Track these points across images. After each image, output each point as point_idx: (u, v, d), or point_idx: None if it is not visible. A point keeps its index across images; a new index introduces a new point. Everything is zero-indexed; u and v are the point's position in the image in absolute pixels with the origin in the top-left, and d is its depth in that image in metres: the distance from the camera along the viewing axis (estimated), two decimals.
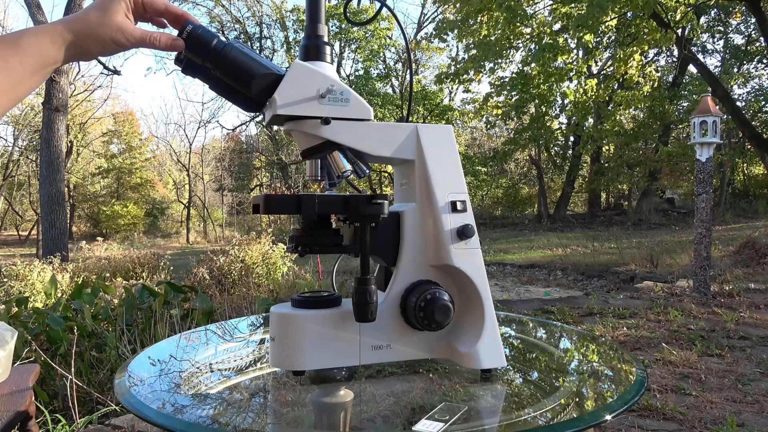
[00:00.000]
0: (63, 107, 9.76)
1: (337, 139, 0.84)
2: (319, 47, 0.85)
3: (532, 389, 0.93)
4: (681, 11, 9.31)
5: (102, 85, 21.56)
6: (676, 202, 18.82)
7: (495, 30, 11.19)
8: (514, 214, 20.86)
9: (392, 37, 19.01)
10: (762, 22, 8.98)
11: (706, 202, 5.21)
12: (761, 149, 9.98)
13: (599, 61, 14.94)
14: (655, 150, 16.71)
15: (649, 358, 3.51)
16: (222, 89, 0.83)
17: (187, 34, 0.76)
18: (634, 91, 12.57)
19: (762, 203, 15.37)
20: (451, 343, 0.90)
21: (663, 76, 16.13)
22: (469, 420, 0.78)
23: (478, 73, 12.38)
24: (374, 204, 0.81)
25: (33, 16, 9.83)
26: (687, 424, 2.55)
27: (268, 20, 21.98)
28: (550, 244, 11.33)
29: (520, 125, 16.71)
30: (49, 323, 3.02)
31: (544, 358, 1.11)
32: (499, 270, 9.15)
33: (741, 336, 3.97)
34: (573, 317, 4.65)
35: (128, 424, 2.21)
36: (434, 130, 0.91)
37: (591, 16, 8.67)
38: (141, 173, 25.70)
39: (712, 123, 5.09)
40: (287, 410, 0.84)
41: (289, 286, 5.87)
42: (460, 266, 0.87)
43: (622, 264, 8.26)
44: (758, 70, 18.25)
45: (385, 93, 19.64)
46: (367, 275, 0.82)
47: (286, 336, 0.85)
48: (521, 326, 1.37)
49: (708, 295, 5.25)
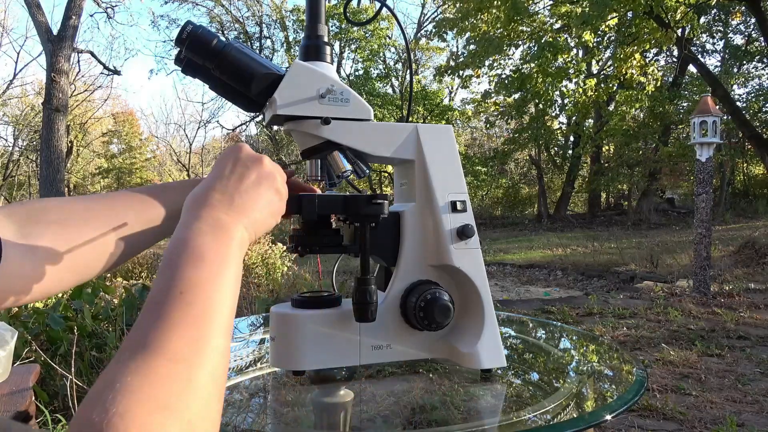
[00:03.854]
0: (63, 107, 9.76)
1: (337, 139, 0.84)
2: (319, 47, 0.85)
3: (532, 389, 0.93)
4: (681, 11, 9.30)
5: (102, 85, 21.52)
6: (676, 202, 18.82)
7: (495, 28, 11.19)
8: (514, 214, 20.85)
9: (392, 36, 19.01)
10: (762, 22, 8.98)
11: (706, 202, 5.22)
12: (761, 149, 9.98)
13: (600, 61, 14.94)
14: (655, 150, 16.71)
15: (649, 358, 3.51)
16: (222, 89, 0.82)
17: (187, 34, 0.76)
18: (637, 92, 12.56)
19: (762, 203, 15.36)
20: (451, 343, 0.90)
21: (663, 75, 16.12)
22: (469, 420, 0.78)
23: (477, 69, 12.38)
24: (374, 204, 0.81)
25: (33, 16, 9.84)
26: (687, 424, 2.55)
27: (268, 20, 22.00)
28: (550, 244, 11.33)
29: (520, 125, 16.71)
30: (49, 323, 3.02)
31: (544, 358, 1.11)
32: (499, 270, 9.15)
33: (741, 336, 3.97)
34: (573, 317, 4.65)
35: None
36: (434, 130, 0.91)
37: (594, 14, 8.67)
38: (141, 173, 25.70)
39: (712, 123, 5.10)
40: (287, 410, 0.84)
41: (289, 286, 5.87)
42: (460, 266, 0.87)
43: (622, 264, 8.26)
44: (758, 70, 18.25)
45: (385, 93, 19.63)
46: (367, 275, 0.82)
47: (286, 336, 0.85)
48: (521, 326, 1.37)
49: (708, 295, 5.25)
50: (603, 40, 12.05)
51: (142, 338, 0.38)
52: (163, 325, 0.39)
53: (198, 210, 0.50)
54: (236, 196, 0.53)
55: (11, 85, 19.60)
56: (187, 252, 0.45)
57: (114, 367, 0.36)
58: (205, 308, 0.42)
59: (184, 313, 0.41)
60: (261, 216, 0.56)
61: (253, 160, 0.58)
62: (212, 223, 0.49)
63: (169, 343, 0.38)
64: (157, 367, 0.36)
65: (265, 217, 0.57)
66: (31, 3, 9.72)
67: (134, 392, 0.34)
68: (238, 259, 0.49)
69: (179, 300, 0.41)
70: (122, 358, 0.36)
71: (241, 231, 0.51)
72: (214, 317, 0.42)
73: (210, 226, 0.49)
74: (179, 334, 0.39)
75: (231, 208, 0.52)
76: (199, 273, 0.44)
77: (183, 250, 0.45)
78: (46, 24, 9.88)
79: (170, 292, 0.42)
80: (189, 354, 0.39)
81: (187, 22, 0.77)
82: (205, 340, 0.40)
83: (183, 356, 0.38)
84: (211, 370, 0.39)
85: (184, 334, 0.39)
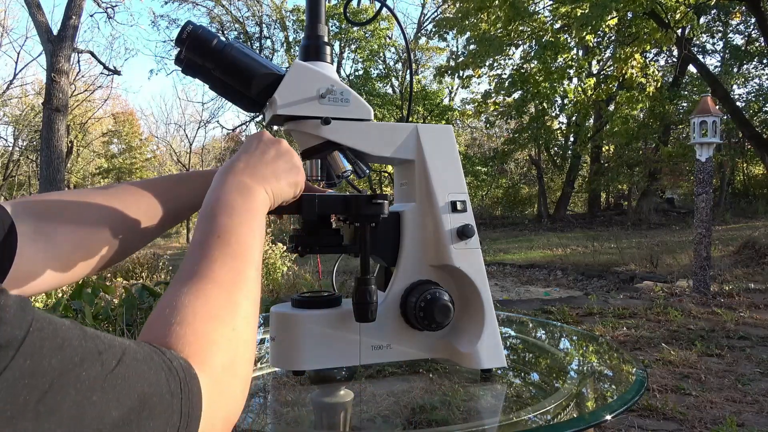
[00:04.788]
0: (63, 107, 9.76)
1: (337, 139, 0.84)
2: (319, 47, 0.85)
3: (532, 389, 0.93)
4: (681, 11, 9.30)
5: (102, 85, 21.48)
6: (676, 202, 18.82)
7: (495, 28, 11.19)
8: (514, 214, 20.85)
9: (392, 37, 19.01)
10: (762, 22, 8.98)
11: (705, 202, 5.22)
12: (761, 149, 9.98)
13: (600, 61, 14.94)
14: (655, 150, 16.71)
15: (649, 358, 3.51)
16: (222, 89, 0.82)
17: (188, 34, 0.76)
18: (637, 92, 12.56)
19: (762, 203, 15.37)
20: (451, 343, 0.90)
21: (663, 76, 16.13)
22: (469, 420, 0.78)
23: (478, 69, 12.38)
24: (374, 204, 0.81)
25: (33, 16, 9.83)
26: (687, 424, 2.55)
27: (268, 20, 21.99)
28: (550, 244, 11.33)
29: (520, 125, 16.71)
30: None
31: (544, 358, 1.11)
32: (499, 270, 9.14)
33: (741, 336, 3.97)
34: (573, 317, 4.65)
35: None
36: (434, 130, 0.91)
37: (595, 15, 8.67)
38: (141, 173, 25.70)
39: (712, 123, 5.10)
40: (287, 410, 0.84)
41: (289, 286, 5.87)
42: (460, 266, 0.87)
43: (622, 264, 8.26)
44: (758, 70, 18.27)
45: (385, 93, 19.63)
46: (367, 275, 0.82)
47: (286, 336, 0.85)
48: (521, 326, 1.37)
49: (708, 295, 5.25)
50: (603, 40, 12.05)
51: (190, 269, 0.47)
52: (206, 259, 0.48)
53: (226, 176, 0.59)
54: (259, 167, 0.63)
55: (11, 85, 19.60)
56: (220, 205, 0.54)
57: (170, 292, 0.44)
58: (239, 246, 0.51)
59: (222, 251, 0.49)
60: (280, 185, 0.64)
61: (273, 141, 0.68)
62: (239, 186, 0.58)
63: (212, 272, 0.47)
64: (205, 289, 0.45)
65: (284, 186, 0.65)
66: (31, 3, 9.72)
67: (188, 307, 0.42)
68: (262, 214, 0.58)
69: (217, 241, 0.50)
70: (176, 286, 0.45)
71: (263, 193, 0.60)
72: (247, 253, 0.51)
73: (237, 187, 0.57)
74: (219, 264, 0.48)
75: (254, 175, 0.61)
76: (232, 220, 0.53)
77: (216, 205, 0.54)
78: (46, 24, 9.88)
79: (209, 235, 0.51)
80: (229, 280, 0.47)
81: (187, 22, 0.77)
82: (241, 270, 0.49)
83: (224, 281, 0.47)
84: (247, 293, 0.48)
85: (223, 265, 0.48)
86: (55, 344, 0.29)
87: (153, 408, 0.33)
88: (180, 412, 0.35)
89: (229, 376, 0.42)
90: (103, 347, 0.32)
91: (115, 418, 0.31)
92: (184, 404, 0.35)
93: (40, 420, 0.28)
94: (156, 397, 0.34)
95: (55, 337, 0.30)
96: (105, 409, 0.30)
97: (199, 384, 0.38)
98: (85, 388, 0.30)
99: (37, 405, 0.28)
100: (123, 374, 0.32)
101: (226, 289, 0.46)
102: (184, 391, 0.36)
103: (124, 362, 0.33)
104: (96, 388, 0.30)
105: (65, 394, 0.29)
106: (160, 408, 0.34)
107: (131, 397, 0.32)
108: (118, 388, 0.32)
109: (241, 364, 0.44)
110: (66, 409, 0.29)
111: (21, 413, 0.27)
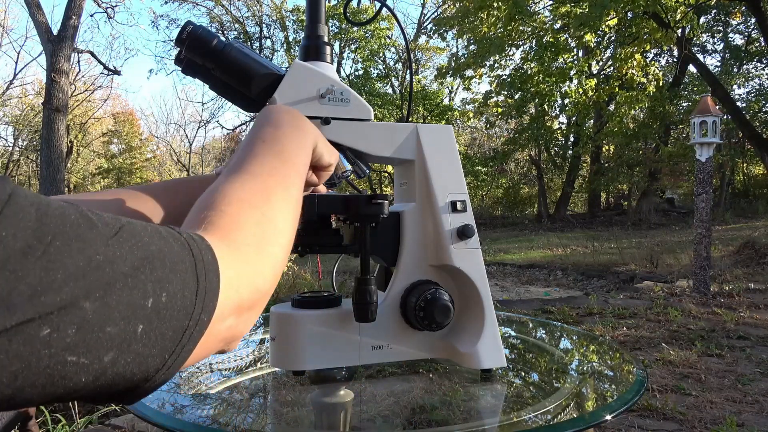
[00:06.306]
0: (63, 107, 9.76)
1: (337, 139, 0.84)
2: (319, 47, 0.85)
3: (532, 389, 0.93)
4: (681, 11, 9.30)
5: (102, 85, 21.45)
6: (676, 202, 18.81)
7: (495, 28, 11.19)
8: (514, 214, 20.85)
9: (392, 37, 19.00)
10: (762, 22, 8.99)
11: (705, 202, 5.22)
12: (761, 149, 9.99)
13: (600, 61, 14.93)
14: (655, 150, 16.71)
15: (649, 358, 3.51)
16: (222, 89, 0.82)
17: (187, 34, 0.76)
18: (638, 92, 12.55)
19: (762, 203, 15.37)
20: (451, 343, 0.90)
21: (663, 76, 16.13)
22: (469, 420, 0.78)
23: (479, 69, 12.37)
24: (374, 204, 0.81)
25: (33, 16, 9.83)
26: (687, 424, 2.55)
27: (268, 20, 21.99)
28: (550, 244, 11.33)
29: (520, 125, 16.71)
30: None
31: (544, 358, 1.11)
32: (499, 270, 9.14)
33: (741, 336, 3.97)
34: (573, 317, 4.65)
35: (128, 424, 2.21)
36: (434, 130, 0.91)
37: (593, 15, 8.66)
38: (141, 173, 25.69)
39: (712, 123, 5.10)
40: (287, 410, 0.84)
41: (289, 286, 5.87)
42: (460, 266, 0.87)
43: (622, 264, 8.26)
44: (758, 70, 18.27)
45: (385, 93, 19.62)
46: (367, 275, 0.82)
47: (286, 336, 0.85)
48: (521, 326, 1.37)
49: (708, 295, 5.25)
50: (603, 40, 12.04)
51: (233, 166, 0.51)
52: (248, 156, 0.53)
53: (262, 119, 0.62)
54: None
55: (11, 85, 19.59)
56: (267, 121, 0.60)
57: (213, 185, 0.48)
58: (281, 149, 0.56)
59: (264, 150, 0.54)
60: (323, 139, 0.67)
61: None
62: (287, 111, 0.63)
63: (250, 166, 0.51)
64: (241, 180, 0.49)
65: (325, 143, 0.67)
66: (31, 3, 9.72)
67: (226, 195, 0.46)
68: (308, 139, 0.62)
69: (261, 144, 0.55)
70: (219, 179, 0.49)
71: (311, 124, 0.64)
72: (289, 158, 0.56)
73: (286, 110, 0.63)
74: (259, 161, 0.52)
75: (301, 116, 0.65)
76: (277, 131, 0.58)
77: (264, 121, 0.60)
78: (46, 24, 9.88)
79: (254, 139, 0.56)
80: (265, 172, 0.51)
81: (187, 22, 0.77)
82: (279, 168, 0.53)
83: (260, 173, 0.51)
84: (282, 182, 0.52)
85: (263, 161, 0.53)
86: (55, 212, 0.30)
87: (163, 266, 0.34)
88: (196, 277, 0.35)
89: (254, 253, 0.43)
90: (102, 221, 0.33)
91: (125, 270, 0.31)
92: (199, 270, 0.36)
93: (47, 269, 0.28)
94: (168, 256, 0.34)
95: (51, 207, 0.30)
96: (113, 259, 0.31)
97: (214, 254, 0.38)
98: (89, 245, 0.30)
99: (45, 251, 0.28)
100: (130, 231, 0.33)
101: (261, 180, 0.50)
102: (197, 257, 0.36)
103: (125, 228, 0.33)
104: (100, 246, 0.31)
105: (69, 247, 0.29)
106: (172, 265, 0.34)
107: (139, 255, 0.32)
108: (126, 246, 0.32)
109: (270, 245, 0.45)
110: (71, 263, 0.29)
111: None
